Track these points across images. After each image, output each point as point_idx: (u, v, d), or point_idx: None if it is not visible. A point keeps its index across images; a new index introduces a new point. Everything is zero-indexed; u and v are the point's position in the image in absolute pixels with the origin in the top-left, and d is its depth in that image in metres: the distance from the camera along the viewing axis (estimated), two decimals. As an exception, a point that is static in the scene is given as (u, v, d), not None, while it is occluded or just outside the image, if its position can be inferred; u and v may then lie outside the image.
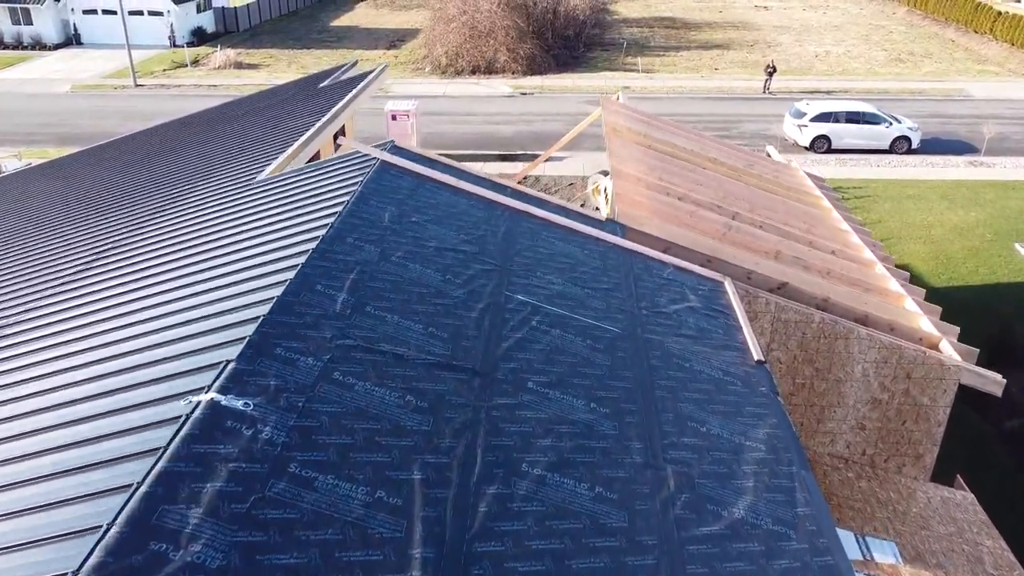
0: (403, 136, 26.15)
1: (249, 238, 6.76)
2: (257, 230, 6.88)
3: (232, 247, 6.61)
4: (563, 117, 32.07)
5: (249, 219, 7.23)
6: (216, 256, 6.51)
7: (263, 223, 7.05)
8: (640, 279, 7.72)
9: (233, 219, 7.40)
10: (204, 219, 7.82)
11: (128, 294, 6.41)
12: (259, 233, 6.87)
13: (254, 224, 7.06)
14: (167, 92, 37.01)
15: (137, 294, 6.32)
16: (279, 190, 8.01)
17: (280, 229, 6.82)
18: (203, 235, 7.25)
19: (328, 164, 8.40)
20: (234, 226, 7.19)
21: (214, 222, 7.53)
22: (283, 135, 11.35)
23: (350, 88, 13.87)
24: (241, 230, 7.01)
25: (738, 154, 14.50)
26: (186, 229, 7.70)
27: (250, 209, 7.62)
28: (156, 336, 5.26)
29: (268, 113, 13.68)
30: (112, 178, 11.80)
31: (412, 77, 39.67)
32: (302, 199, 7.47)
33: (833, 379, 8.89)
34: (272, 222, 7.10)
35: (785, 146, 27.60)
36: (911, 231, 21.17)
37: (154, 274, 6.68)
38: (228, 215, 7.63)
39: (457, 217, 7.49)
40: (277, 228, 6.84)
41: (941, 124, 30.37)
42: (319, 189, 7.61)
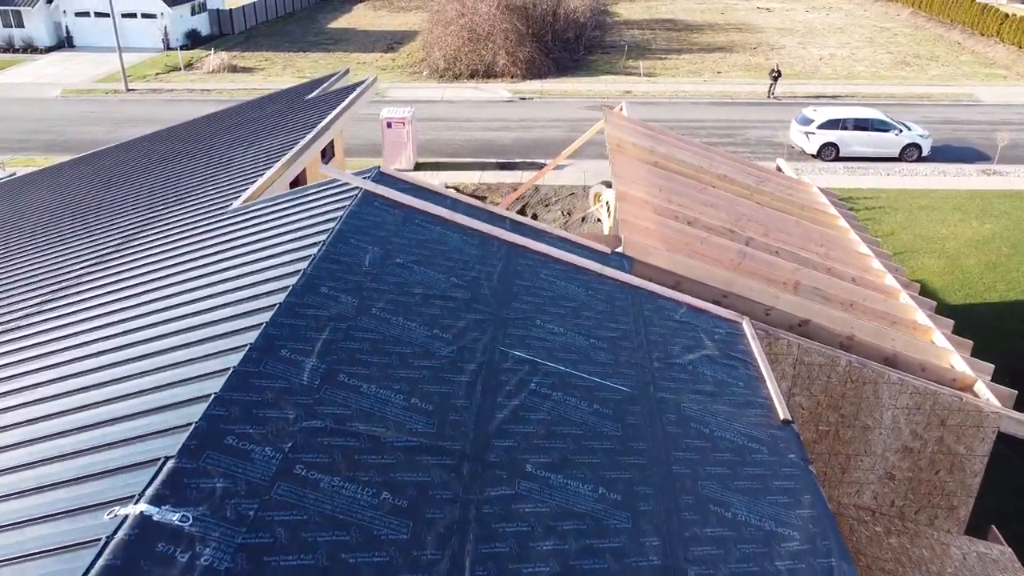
0: (399, 144, 25.42)
1: (212, 284, 6.01)
2: (221, 275, 6.13)
3: (192, 299, 5.85)
4: (563, 123, 31.33)
5: (213, 262, 6.47)
6: (173, 309, 5.75)
7: (228, 266, 6.30)
8: (651, 323, 6.96)
9: (197, 262, 6.64)
10: (166, 260, 7.06)
11: (64, 354, 5.66)
12: (224, 278, 6.12)
13: (218, 268, 6.31)
14: (159, 97, 36.26)
15: (72, 362, 5.56)
16: (249, 225, 7.26)
17: (246, 274, 6.07)
18: (163, 281, 6.49)
19: (305, 194, 7.65)
20: (197, 270, 6.43)
21: (176, 265, 6.77)
22: (263, 155, 10.59)
23: (338, 102, 13.12)
24: (205, 275, 6.25)
25: (748, 169, 13.75)
26: (145, 271, 6.94)
27: (216, 248, 6.87)
28: (88, 420, 4.50)
29: (251, 127, 12.92)
30: (78, 200, 11.05)
31: (409, 81, 38.93)
32: (274, 237, 6.72)
33: (860, 426, 8.13)
34: (239, 264, 6.35)
35: (792, 153, 26.87)
36: (924, 244, 20.41)
37: (96, 333, 5.92)
38: (193, 255, 6.87)
39: (448, 256, 6.73)
40: (243, 273, 6.09)
41: (952, 131, 29.62)
42: (293, 225, 6.86)
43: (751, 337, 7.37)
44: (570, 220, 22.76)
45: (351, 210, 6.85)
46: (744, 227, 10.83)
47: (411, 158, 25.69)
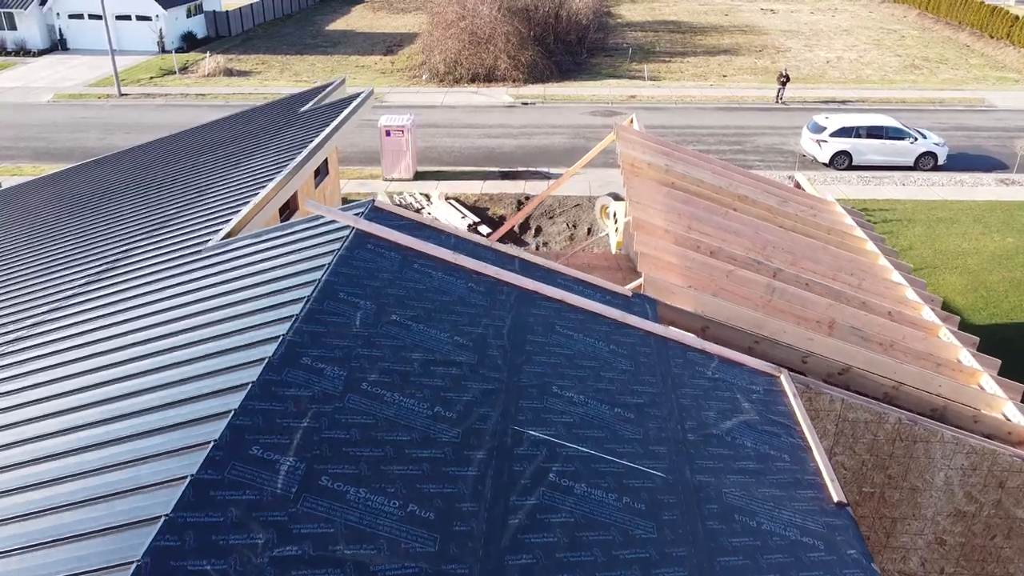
0: (398, 153, 24.60)
1: (175, 363, 5.17)
2: (190, 344, 5.30)
3: (154, 376, 5.03)
4: (567, 130, 30.51)
5: (179, 330, 5.64)
6: (118, 401, 4.92)
7: (200, 329, 5.47)
8: (680, 382, 6.14)
9: (158, 328, 5.81)
10: (124, 316, 6.23)
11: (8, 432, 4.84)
12: (196, 340, 5.30)
13: (185, 335, 5.48)
14: (152, 102, 35.42)
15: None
16: (224, 271, 6.43)
17: (218, 336, 5.25)
18: (113, 354, 5.65)
19: (290, 234, 6.82)
20: (157, 340, 5.60)
21: (139, 328, 5.94)
22: (250, 178, 9.77)
23: (332, 116, 12.30)
24: (170, 346, 5.42)
25: (769, 188, 12.92)
26: (95, 332, 6.11)
27: (184, 303, 6.04)
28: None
29: (239, 144, 12.09)
30: (42, 230, 10.21)
31: (409, 85, 38.11)
32: (251, 288, 5.90)
33: (908, 488, 7.32)
34: (213, 320, 5.53)
35: (803, 162, 26.06)
36: (945, 259, 19.59)
37: (29, 401, 5.10)
38: (153, 314, 6.04)
39: (452, 309, 5.91)
40: (214, 336, 5.27)
41: (966, 138, 28.81)
42: (274, 273, 6.03)
43: (791, 394, 6.55)
44: (575, 233, 21.94)
45: (341, 255, 6.03)
46: (770, 256, 10.01)
47: (410, 167, 24.87)
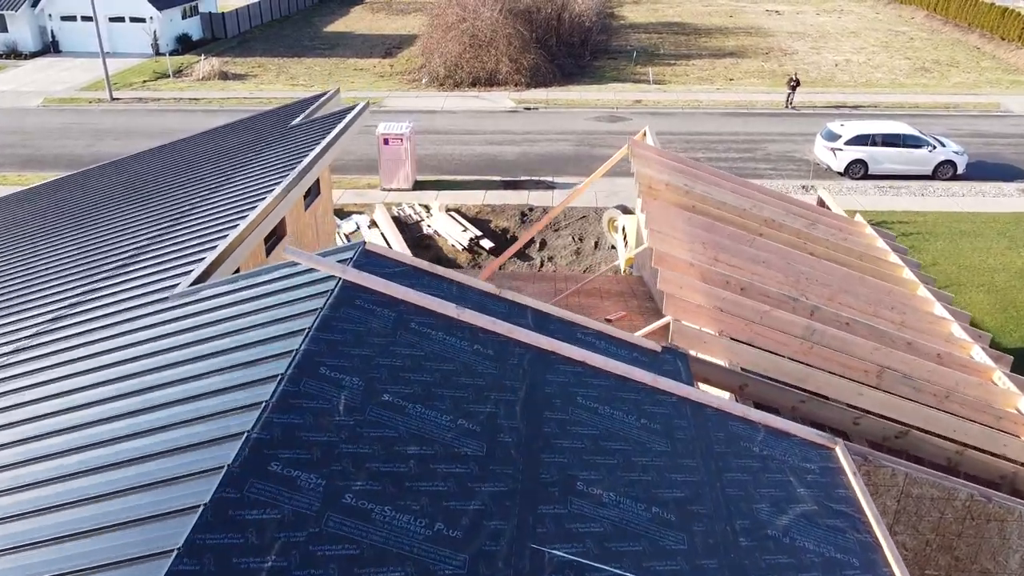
0: (396, 162, 23.67)
1: (119, 463, 4.24)
2: (133, 435, 4.36)
3: (92, 481, 4.09)
4: (571, 136, 29.58)
5: (124, 405, 4.70)
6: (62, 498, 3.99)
7: (149, 412, 4.54)
8: (725, 464, 5.21)
9: (102, 404, 4.87)
10: (69, 385, 5.29)
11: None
12: (141, 430, 4.37)
13: (131, 420, 4.54)
14: (144, 107, 34.49)
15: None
16: (189, 329, 5.49)
17: (171, 424, 4.31)
18: (47, 438, 4.72)
19: (267, 282, 5.88)
20: (98, 423, 4.67)
21: (71, 407, 5.00)
22: (231, 204, 8.84)
23: (324, 133, 11.37)
24: (109, 437, 4.49)
25: (794, 208, 12.00)
26: (28, 416, 5.17)
27: (136, 372, 5.10)
28: None
29: (223, 163, 11.16)
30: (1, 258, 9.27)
31: (408, 89, 37.17)
32: (216, 357, 4.96)
33: (979, 571, 6.39)
34: (167, 401, 4.60)
35: (818, 171, 25.13)
36: (971, 276, 18.66)
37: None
38: (99, 388, 5.10)
39: (455, 381, 4.97)
40: (166, 425, 4.33)
41: (984, 145, 27.87)
42: (245, 338, 5.09)
43: (850, 472, 5.61)
44: (582, 247, 21.01)
45: (323, 316, 5.09)
46: (805, 290, 9.08)
47: (409, 176, 23.94)
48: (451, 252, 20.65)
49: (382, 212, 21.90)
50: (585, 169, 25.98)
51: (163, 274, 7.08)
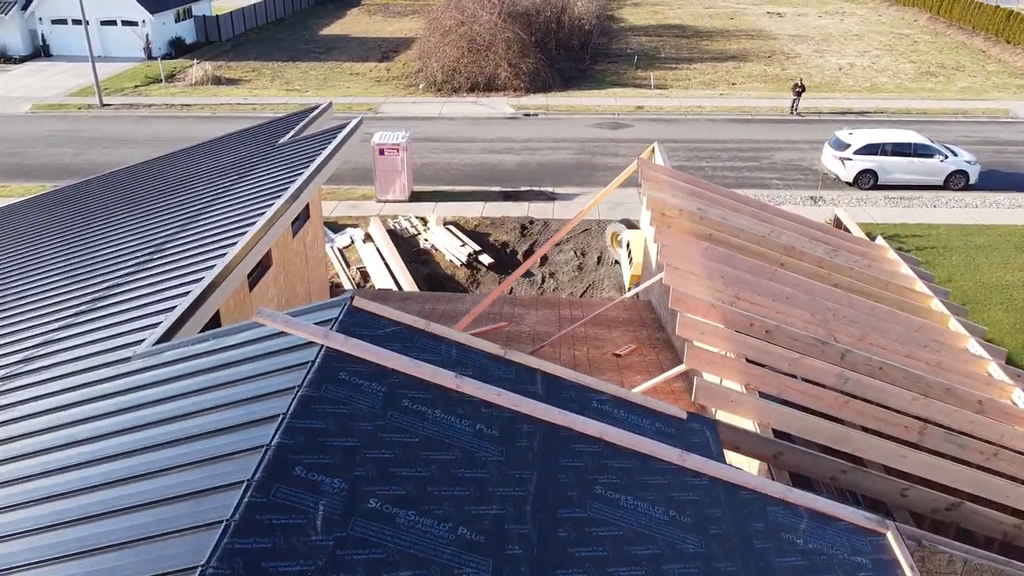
0: (392, 173, 22.95)
1: None
2: (65, 556, 3.64)
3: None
4: (572, 144, 28.86)
5: (58, 507, 3.98)
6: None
7: (85, 523, 3.81)
8: (767, 563, 4.50)
9: (29, 527, 4.15)
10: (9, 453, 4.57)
11: None
12: (70, 552, 3.65)
13: (68, 530, 3.82)
14: (135, 113, 33.73)
15: None
16: (145, 405, 4.77)
17: (112, 546, 3.59)
18: None
19: (238, 345, 5.16)
20: (36, 530, 3.94)
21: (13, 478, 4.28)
22: (210, 238, 8.11)
23: (313, 153, 10.65)
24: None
25: (812, 232, 11.30)
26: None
27: (80, 463, 4.37)
28: None
29: (204, 187, 10.43)
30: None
31: (405, 95, 36.44)
32: (174, 447, 4.24)
33: (1043, 665, 5.68)
34: (109, 510, 3.88)
35: (826, 181, 24.43)
36: (989, 294, 17.97)
37: None
38: (34, 492, 4.37)
39: (455, 475, 4.26)
40: (111, 545, 3.61)
41: (995, 153, 27.20)
42: (208, 421, 4.37)
43: (907, 565, 4.91)
44: (584, 261, 20.29)
45: (302, 396, 4.38)
46: (834, 330, 8.38)
47: (406, 188, 23.22)
48: (449, 267, 19.94)
49: (377, 225, 21.18)
50: (587, 179, 25.31)
51: (128, 324, 6.36)
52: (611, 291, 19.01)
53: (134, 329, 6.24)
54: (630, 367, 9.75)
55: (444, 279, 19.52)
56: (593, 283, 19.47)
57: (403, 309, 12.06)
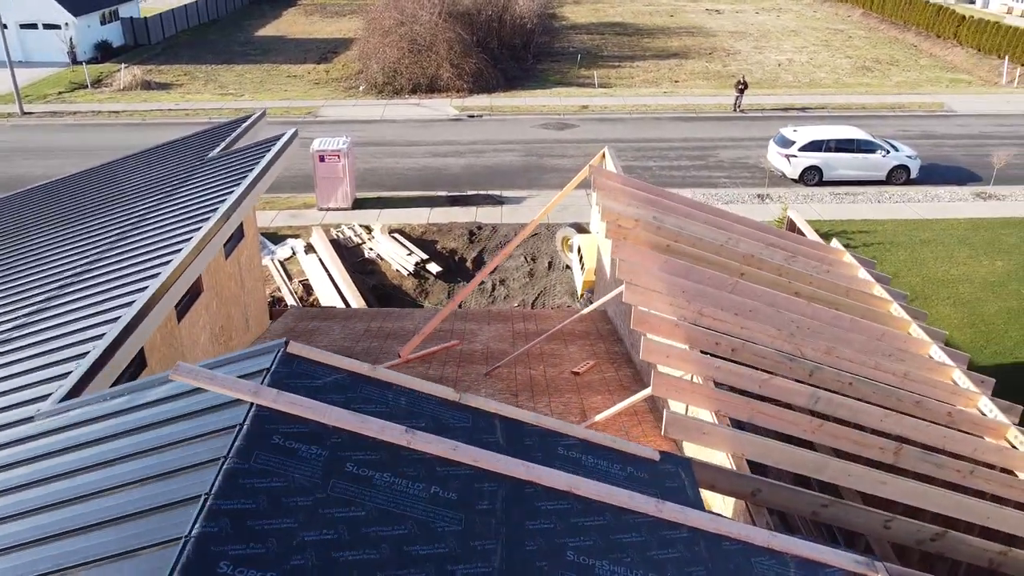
0: (334, 180, 22.17)
1: None
2: None
3: None
4: (518, 146, 28.41)
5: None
6: None
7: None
8: (756, 628, 4.08)
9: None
10: None
11: None
12: None
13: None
14: (59, 121, 32.13)
15: None
16: (41, 484, 4.11)
17: None
18: None
19: (155, 406, 4.54)
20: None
21: None
22: (130, 270, 7.39)
23: (247, 168, 9.95)
24: None
25: (769, 237, 11.03)
26: None
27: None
28: None
29: (126, 208, 9.63)
30: None
31: (345, 98, 35.51)
32: (70, 540, 3.61)
33: None
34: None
35: (772, 179, 24.48)
36: (936, 289, 18.12)
37: None
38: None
39: (408, 554, 3.73)
40: None
41: (934, 147, 27.68)
42: (116, 509, 3.75)
43: (901, 611, 4.55)
44: (535, 267, 19.86)
45: (228, 470, 3.79)
46: (800, 344, 8.08)
47: (348, 195, 22.46)
48: (396, 277, 19.29)
49: (320, 235, 20.40)
50: (535, 181, 24.89)
51: (34, 375, 5.64)
52: (563, 297, 18.62)
53: (40, 380, 5.54)
54: (589, 386, 9.32)
55: (391, 289, 18.87)
56: (545, 289, 19.05)
57: (348, 330, 11.44)
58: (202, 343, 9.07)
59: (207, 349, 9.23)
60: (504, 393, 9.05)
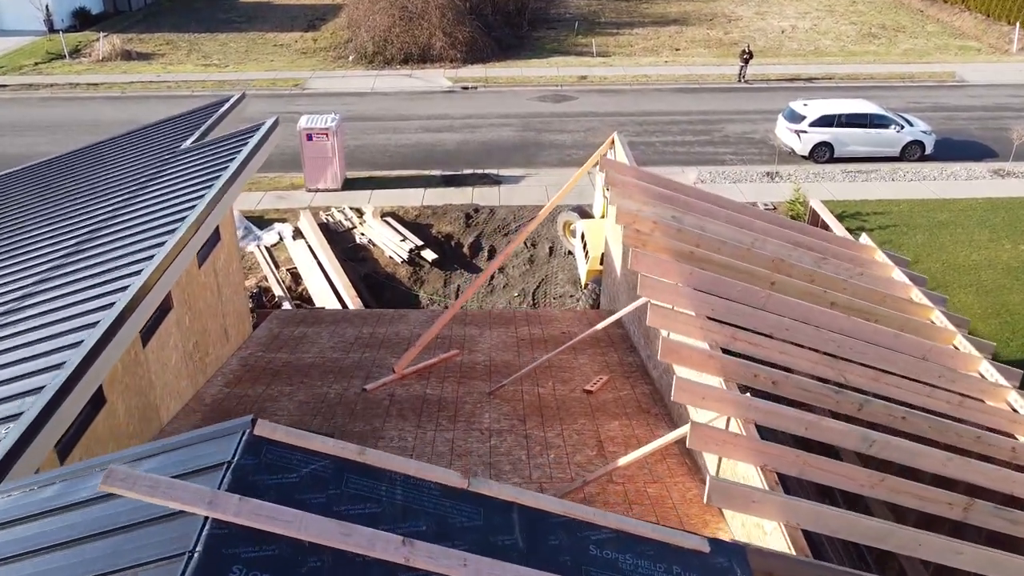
0: (322, 160, 21.06)
1: None
2: None
3: None
4: (514, 120, 27.24)
5: None
6: None
7: None
8: None
9: None
10: None
11: None
12: None
13: None
14: (35, 94, 30.76)
15: None
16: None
17: None
18: None
19: (87, 509, 3.62)
20: None
21: None
22: (82, 294, 6.43)
23: (223, 164, 8.93)
24: None
25: (797, 236, 10.08)
26: None
27: None
28: None
29: (85, 212, 8.61)
30: None
31: (334, 69, 34.12)
32: None
33: None
34: None
35: (781, 155, 23.44)
36: (957, 276, 17.25)
37: None
38: None
39: None
40: None
41: (947, 120, 26.61)
42: None
43: None
44: (535, 253, 18.89)
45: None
46: (845, 370, 7.20)
47: (338, 176, 21.36)
48: (389, 265, 18.32)
49: (308, 220, 19.35)
50: (533, 158, 23.81)
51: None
52: (566, 286, 17.69)
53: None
54: (604, 408, 8.44)
55: (384, 278, 17.91)
56: (546, 277, 18.11)
57: (337, 336, 10.46)
58: (173, 364, 8.13)
59: (179, 370, 8.29)
60: (511, 418, 8.16)
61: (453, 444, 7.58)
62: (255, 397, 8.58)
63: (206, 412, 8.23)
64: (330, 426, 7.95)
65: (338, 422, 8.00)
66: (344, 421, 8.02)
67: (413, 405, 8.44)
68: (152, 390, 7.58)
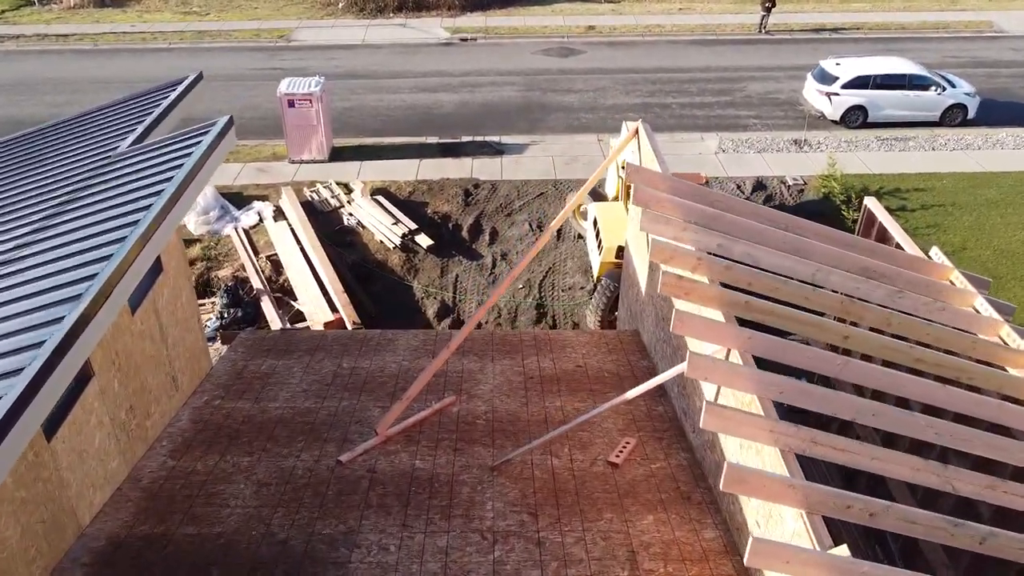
0: (306, 128, 19.11)
1: None
2: None
3: None
4: (517, 78, 25.08)
5: None
6: None
7: None
8: None
9: None
10: None
11: None
12: None
13: None
14: (1, 47, 28.46)
15: None
16: None
17: None
18: None
19: None
20: None
21: None
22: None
23: (168, 171, 7.19)
24: None
25: (859, 260, 8.34)
26: None
27: None
28: None
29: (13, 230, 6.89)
30: None
31: (322, 17, 31.67)
32: None
33: None
34: None
35: (810, 120, 21.42)
36: (1010, 265, 15.53)
37: None
38: None
39: None
40: None
41: (988, 78, 24.46)
42: None
43: None
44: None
45: None
46: (952, 478, 5.57)
47: (324, 145, 19.43)
48: (379, 250, 16.58)
49: (290, 198, 17.53)
50: (538, 124, 21.79)
51: None
52: (576, 276, 15.98)
53: None
54: (634, 492, 6.85)
55: (374, 267, 16.19)
56: (554, 266, 16.38)
57: (312, 373, 8.76)
58: (97, 447, 6.52)
59: (106, 451, 6.68)
60: (519, 510, 6.59)
61: (447, 557, 6.02)
62: (204, 474, 6.99)
63: (140, 499, 6.65)
64: (293, 527, 6.37)
65: (303, 520, 6.42)
66: (311, 518, 6.44)
67: (398, 487, 6.85)
68: (64, 491, 5.99)
